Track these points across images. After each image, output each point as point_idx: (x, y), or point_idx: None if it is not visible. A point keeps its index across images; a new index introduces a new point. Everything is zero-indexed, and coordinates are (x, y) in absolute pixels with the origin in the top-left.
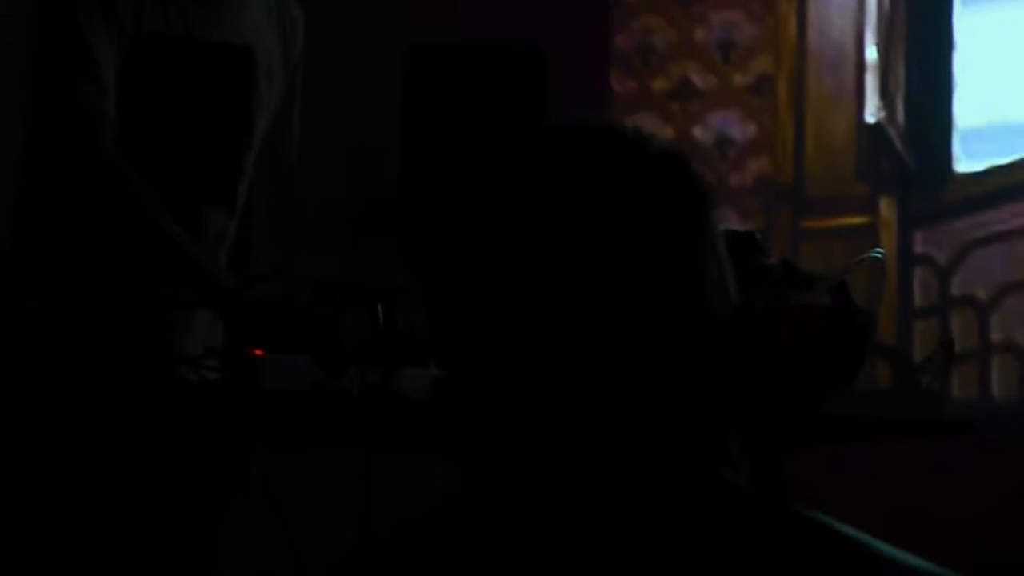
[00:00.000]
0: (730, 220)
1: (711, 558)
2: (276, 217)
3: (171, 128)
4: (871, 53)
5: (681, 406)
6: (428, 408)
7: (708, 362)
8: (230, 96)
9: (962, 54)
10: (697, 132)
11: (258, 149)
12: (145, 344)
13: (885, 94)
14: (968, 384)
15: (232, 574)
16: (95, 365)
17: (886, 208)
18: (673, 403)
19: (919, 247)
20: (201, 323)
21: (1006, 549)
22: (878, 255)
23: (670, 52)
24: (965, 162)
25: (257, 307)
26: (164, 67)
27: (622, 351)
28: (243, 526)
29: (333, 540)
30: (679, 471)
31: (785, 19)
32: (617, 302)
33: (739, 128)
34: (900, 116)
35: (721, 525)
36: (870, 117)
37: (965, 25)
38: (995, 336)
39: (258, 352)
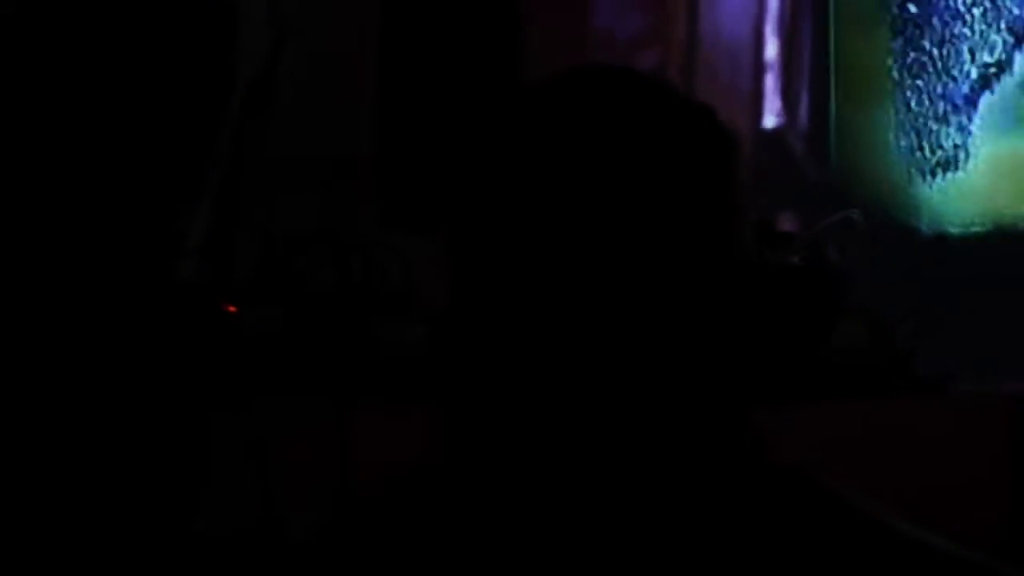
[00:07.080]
0: None
1: (720, 529)
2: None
3: (150, 78)
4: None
5: (702, 365)
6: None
7: (731, 320)
8: (210, 44)
9: None
10: None
11: (241, 99)
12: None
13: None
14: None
15: (208, 527)
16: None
17: None
18: (694, 361)
19: None
20: None
21: (983, 509)
22: (853, 215)
23: None
24: None
25: None
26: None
27: (646, 307)
28: (219, 480)
29: (310, 491)
30: (693, 430)
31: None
32: (645, 253)
33: None
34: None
35: (737, 496)
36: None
37: None
38: None
39: (232, 308)
